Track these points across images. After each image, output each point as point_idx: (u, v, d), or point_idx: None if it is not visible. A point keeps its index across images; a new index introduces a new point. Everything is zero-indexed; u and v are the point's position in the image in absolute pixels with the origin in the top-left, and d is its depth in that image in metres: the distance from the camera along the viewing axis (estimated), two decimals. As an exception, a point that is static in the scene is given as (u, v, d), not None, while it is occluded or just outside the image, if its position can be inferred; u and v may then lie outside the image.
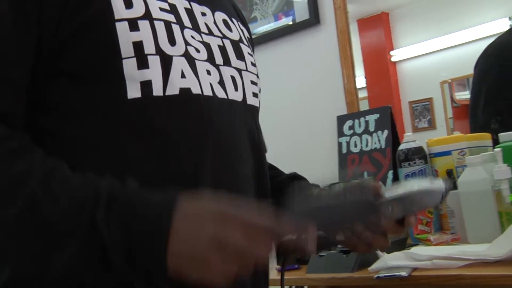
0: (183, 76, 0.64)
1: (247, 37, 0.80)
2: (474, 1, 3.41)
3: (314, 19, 1.82)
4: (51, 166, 0.54)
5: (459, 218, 1.16)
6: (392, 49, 4.34)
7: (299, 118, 1.77)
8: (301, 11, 1.85)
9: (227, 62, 0.71)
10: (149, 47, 0.61)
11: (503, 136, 1.20)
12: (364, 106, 1.87)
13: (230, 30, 0.75)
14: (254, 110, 0.75)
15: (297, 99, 1.83)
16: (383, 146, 1.53)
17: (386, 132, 1.53)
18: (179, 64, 0.64)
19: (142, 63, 0.60)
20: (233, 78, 0.71)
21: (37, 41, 0.57)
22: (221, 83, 0.69)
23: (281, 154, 1.14)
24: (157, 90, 0.61)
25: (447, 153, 1.26)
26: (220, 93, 0.67)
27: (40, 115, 0.59)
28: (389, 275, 0.91)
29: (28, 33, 0.57)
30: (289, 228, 0.51)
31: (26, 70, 0.57)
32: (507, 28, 1.70)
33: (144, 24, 0.61)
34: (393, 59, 4.90)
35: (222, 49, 0.71)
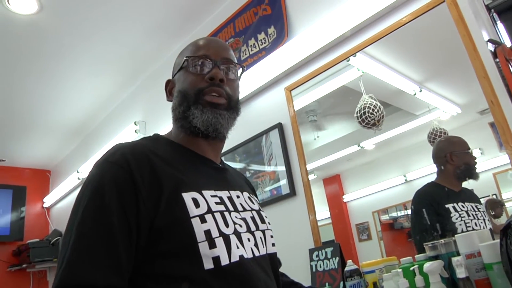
0: (237, 247, 0.68)
1: (259, 202, 0.86)
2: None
3: (292, 193, 2.03)
4: None
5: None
6: (344, 194, 4.78)
7: (286, 250, 1.74)
8: (285, 188, 2.06)
9: (257, 228, 0.76)
10: (214, 232, 0.65)
11: (418, 257, 1.28)
12: (330, 230, 2.04)
13: (253, 203, 0.81)
14: (274, 254, 0.81)
15: (285, 238, 1.89)
16: (336, 267, 1.58)
17: (337, 258, 1.61)
18: (233, 239, 0.68)
19: (212, 244, 0.64)
20: (261, 238, 0.76)
21: (137, 233, 0.60)
22: (256, 245, 0.74)
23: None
24: (224, 261, 0.65)
25: (373, 271, 1.35)
26: (255, 253, 0.72)
27: (145, 279, 0.62)
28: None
29: (130, 229, 0.60)
30: None
31: (131, 254, 0.60)
32: (403, 182, 1.76)
33: (209, 217, 0.66)
34: (344, 200, 5.36)
35: (253, 219, 0.76)
